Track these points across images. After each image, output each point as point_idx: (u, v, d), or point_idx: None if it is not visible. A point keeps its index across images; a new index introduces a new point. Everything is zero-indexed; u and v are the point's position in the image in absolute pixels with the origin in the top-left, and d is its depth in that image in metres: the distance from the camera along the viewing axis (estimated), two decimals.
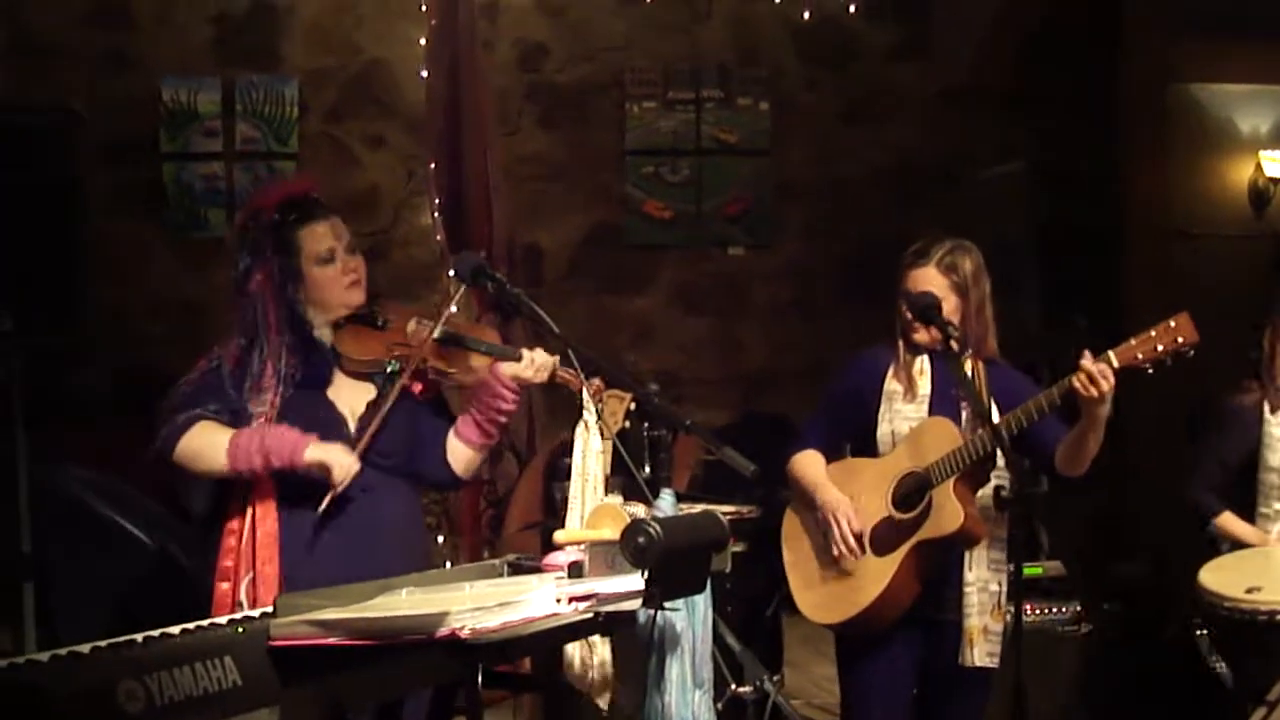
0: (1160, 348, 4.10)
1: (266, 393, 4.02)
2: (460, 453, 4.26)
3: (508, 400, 4.21)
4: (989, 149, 8.75)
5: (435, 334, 4.15)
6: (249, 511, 4.03)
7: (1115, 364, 4.12)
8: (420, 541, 4.42)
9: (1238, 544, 5.59)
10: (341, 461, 3.95)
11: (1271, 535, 5.48)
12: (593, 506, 3.99)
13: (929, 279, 4.48)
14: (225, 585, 3.99)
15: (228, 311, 4.18)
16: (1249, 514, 5.58)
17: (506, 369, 4.16)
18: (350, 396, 4.16)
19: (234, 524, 4.04)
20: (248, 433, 3.98)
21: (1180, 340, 4.09)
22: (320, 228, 4.16)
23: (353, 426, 4.12)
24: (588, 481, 4.07)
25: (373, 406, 4.13)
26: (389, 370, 4.14)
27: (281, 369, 4.05)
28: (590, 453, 4.07)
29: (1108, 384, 4.12)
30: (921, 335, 4.53)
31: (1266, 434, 5.51)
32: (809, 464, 4.68)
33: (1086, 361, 4.13)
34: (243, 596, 3.92)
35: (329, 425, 4.08)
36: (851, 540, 4.49)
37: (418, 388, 4.20)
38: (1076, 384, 4.14)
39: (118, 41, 8.77)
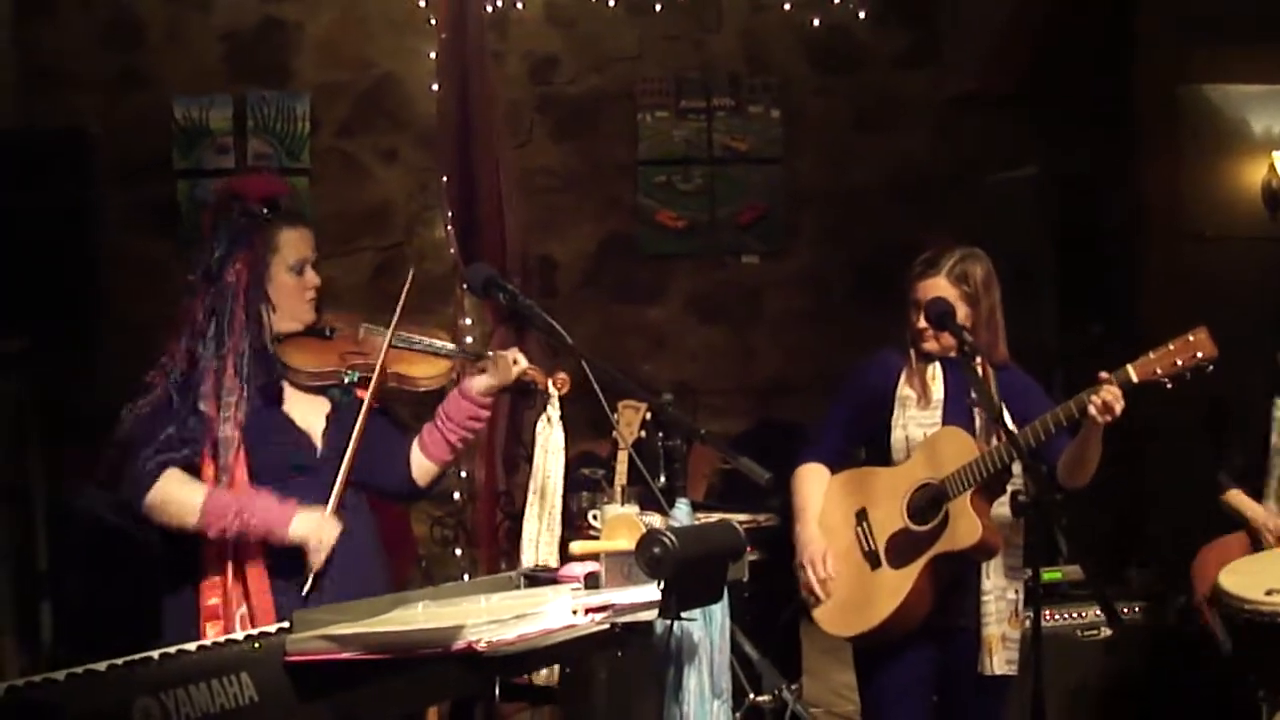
0: (1179, 362, 4.10)
1: (231, 396, 3.87)
2: (425, 467, 4.20)
3: (481, 418, 4.16)
4: (1002, 154, 8.73)
5: (389, 340, 4.06)
6: (232, 550, 3.89)
7: (1134, 379, 4.12)
8: (381, 553, 4.27)
9: (1244, 521, 5.69)
10: (322, 539, 3.85)
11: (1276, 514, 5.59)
12: (551, 505, 3.97)
13: (939, 289, 4.48)
14: (215, 626, 3.86)
15: (184, 306, 4.00)
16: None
17: (478, 383, 4.10)
18: (305, 412, 4.05)
19: (215, 562, 3.91)
20: (223, 499, 3.83)
21: (1199, 355, 4.09)
22: (299, 234, 4.07)
23: (319, 445, 4.03)
24: (550, 478, 4.04)
25: (333, 421, 4.03)
26: (347, 380, 4.02)
27: (244, 370, 3.90)
28: (553, 449, 4.03)
29: (1120, 407, 4.13)
30: (932, 344, 4.53)
31: (1275, 418, 5.60)
32: (808, 480, 4.69)
33: (1105, 391, 4.12)
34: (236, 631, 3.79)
35: (298, 447, 4.00)
36: (817, 587, 4.53)
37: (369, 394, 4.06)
38: (1092, 410, 4.14)
39: (129, 61, 8.78)
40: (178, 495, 3.85)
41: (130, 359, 7.64)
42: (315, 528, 3.85)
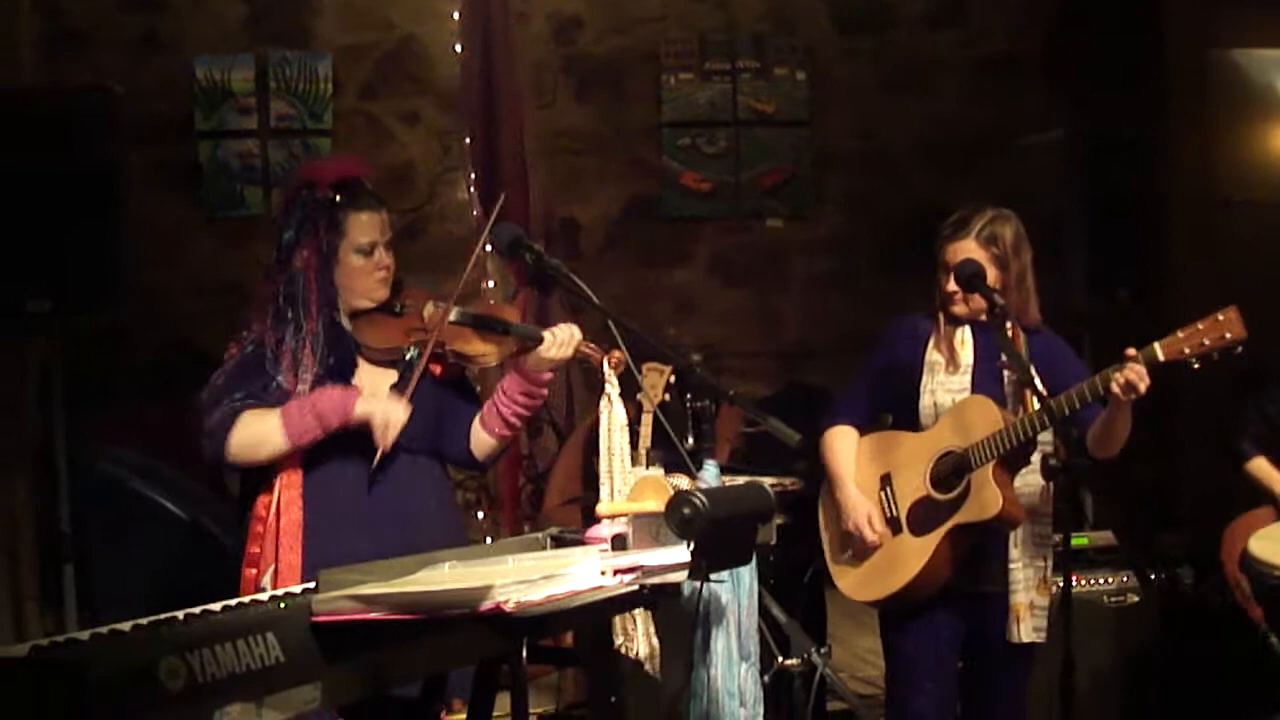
0: (1207, 342, 4.06)
1: (307, 373, 4.00)
2: (483, 441, 4.25)
3: (536, 397, 4.20)
4: (1030, 117, 8.66)
5: (451, 317, 4.11)
6: (275, 499, 4.02)
7: (1161, 358, 4.08)
8: (453, 523, 4.39)
9: (1268, 491, 5.66)
10: (388, 416, 3.97)
11: None
12: (622, 480, 3.97)
13: (969, 251, 4.45)
14: (252, 571, 4.01)
15: (262, 286, 4.17)
16: None
17: (532, 362, 4.13)
18: (374, 384, 4.13)
19: (261, 510, 4.04)
20: (295, 405, 3.96)
21: (1228, 336, 4.05)
22: (369, 218, 4.14)
23: None
24: (614, 456, 4.03)
25: (395, 392, 4.09)
26: (408, 357, 4.12)
27: (319, 351, 4.02)
28: (615, 427, 4.03)
29: (1144, 385, 4.09)
30: (961, 307, 4.50)
31: None
32: (839, 445, 4.66)
33: (1129, 370, 4.08)
34: (266, 583, 3.92)
35: None
36: (873, 538, 4.49)
37: (437, 369, 4.17)
38: (1115, 389, 4.10)
39: (151, 23, 8.75)
40: (257, 428, 3.98)
41: (151, 320, 7.70)
42: (380, 405, 3.99)
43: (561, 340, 4.10)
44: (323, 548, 3.92)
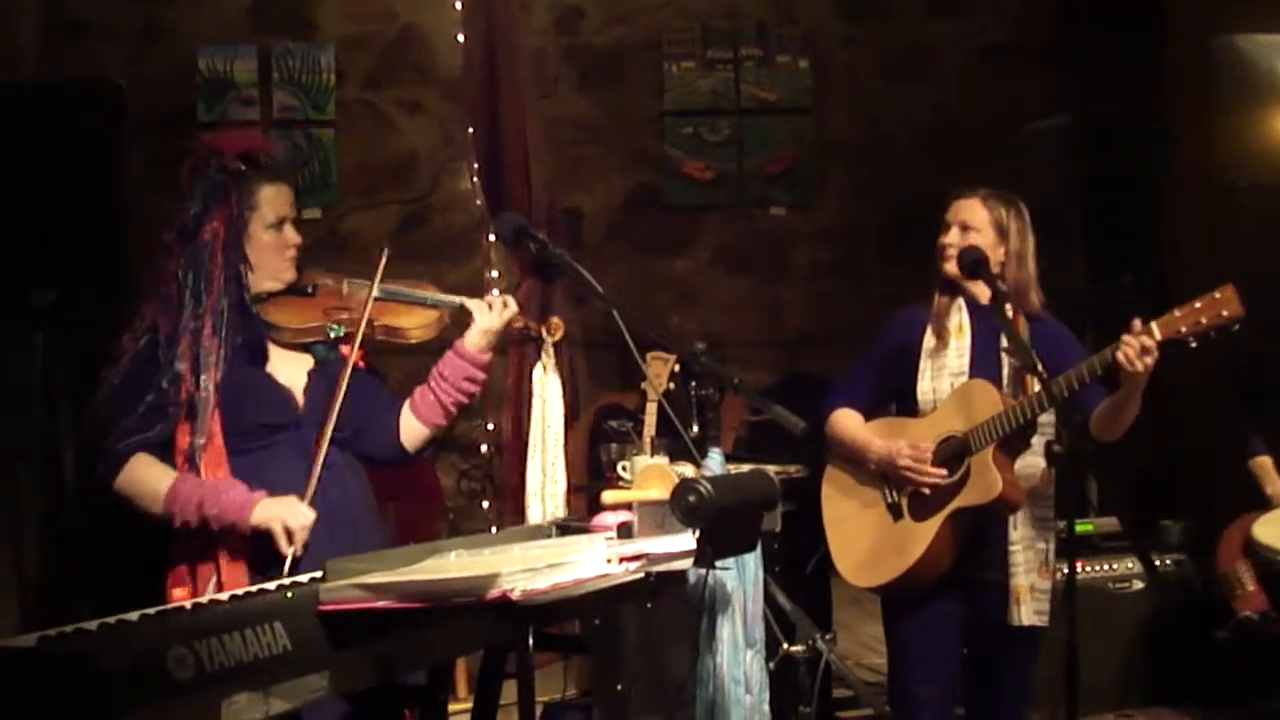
0: (1204, 320, 4.03)
1: (209, 356, 3.72)
2: (416, 431, 4.04)
3: (478, 379, 4.02)
4: (1033, 105, 8.66)
5: (374, 292, 3.93)
6: (207, 547, 3.73)
7: (1158, 336, 4.06)
8: (374, 512, 4.08)
9: (1262, 490, 5.71)
10: (293, 523, 3.65)
11: None
12: (555, 452, 3.92)
13: (972, 209, 4.47)
14: (179, 591, 3.72)
15: (161, 261, 3.87)
16: None
17: (472, 337, 3.98)
18: (289, 370, 3.90)
19: (183, 525, 3.72)
20: (192, 482, 3.69)
21: (1225, 314, 4.02)
22: (279, 191, 3.94)
23: (300, 401, 3.88)
24: (549, 428, 3.97)
25: (315, 378, 3.89)
26: (333, 335, 3.90)
27: (222, 329, 3.75)
28: (551, 397, 3.93)
29: (1152, 358, 4.06)
30: (953, 265, 4.48)
31: None
32: (849, 421, 4.65)
33: (1130, 336, 4.06)
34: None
35: (277, 404, 3.84)
36: (930, 470, 4.43)
37: (359, 356, 3.93)
38: (1121, 359, 4.08)
39: (153, 14, 8.77)
40: (146, 478, 3.72)
41: None
42: (280, 513, 3.66)
43: (494, 311, 3.96)
44: (267, 552, 3.69)
